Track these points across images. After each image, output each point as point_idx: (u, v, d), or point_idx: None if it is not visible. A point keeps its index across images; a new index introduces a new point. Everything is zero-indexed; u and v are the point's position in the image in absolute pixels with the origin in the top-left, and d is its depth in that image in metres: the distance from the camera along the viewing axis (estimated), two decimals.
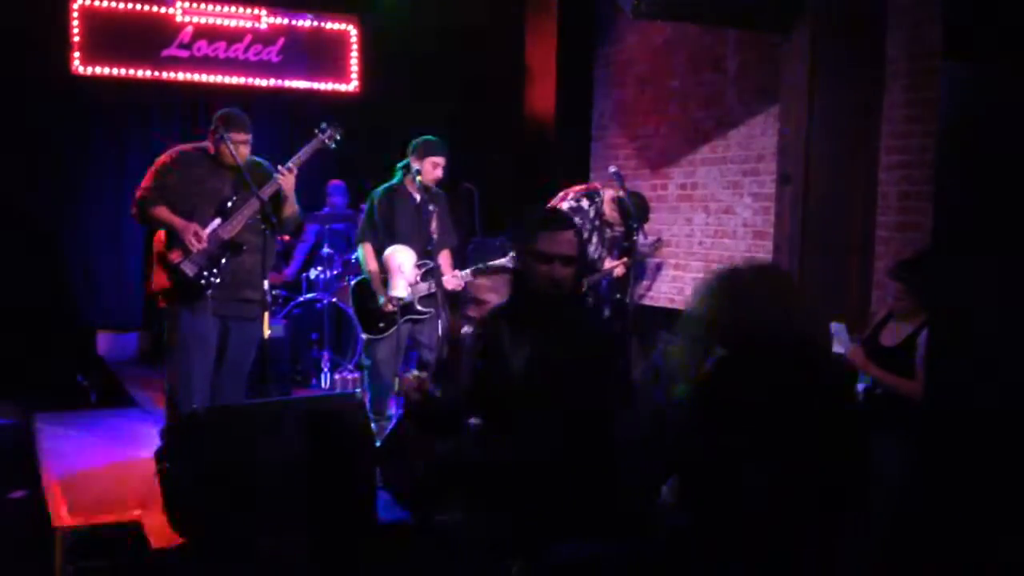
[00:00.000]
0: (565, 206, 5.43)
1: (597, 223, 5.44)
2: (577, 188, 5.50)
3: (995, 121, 3.95)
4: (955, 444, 2.97)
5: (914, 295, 4.04)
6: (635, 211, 5.38)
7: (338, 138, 5.00)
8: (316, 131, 4.99)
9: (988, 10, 4.04)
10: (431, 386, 3.05)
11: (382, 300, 5.13)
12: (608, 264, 5.64)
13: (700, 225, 6.98)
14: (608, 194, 5.49)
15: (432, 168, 5.19)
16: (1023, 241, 3.68)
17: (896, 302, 4.13)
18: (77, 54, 7.34)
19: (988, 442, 2.87)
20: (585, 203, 5.43)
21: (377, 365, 5.25)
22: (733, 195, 6.68)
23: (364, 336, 5.29)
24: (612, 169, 5.86)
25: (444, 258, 5.38)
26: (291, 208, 4.95)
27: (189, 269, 4.73)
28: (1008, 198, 3.76)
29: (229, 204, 4.82)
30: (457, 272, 5.28)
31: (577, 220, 5.39)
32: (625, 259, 5.58)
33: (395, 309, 5.11)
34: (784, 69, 5.71)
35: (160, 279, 4.81)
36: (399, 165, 5.32)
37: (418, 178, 5.13)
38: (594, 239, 5.46)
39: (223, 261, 4.78)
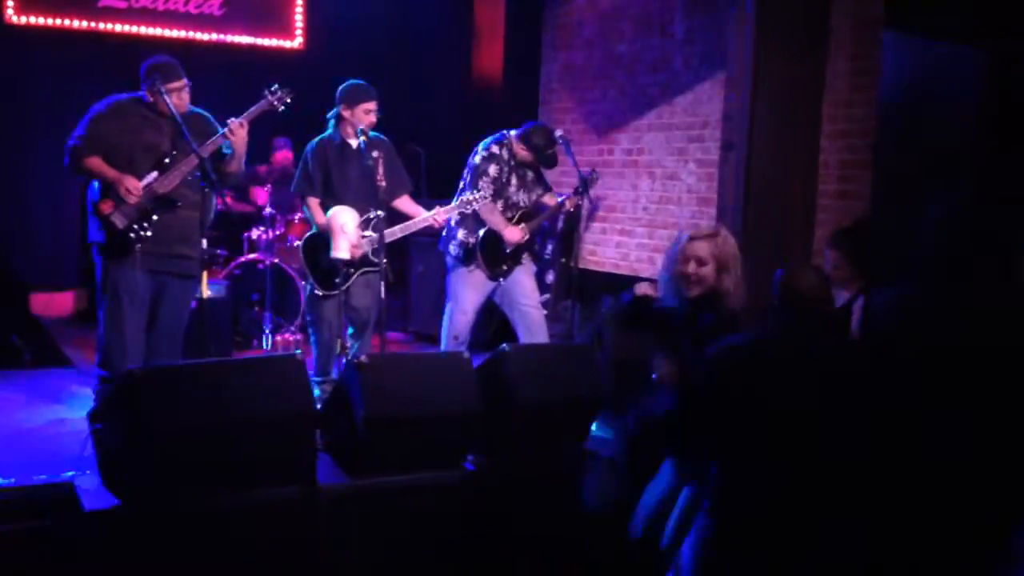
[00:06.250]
0: (478, 160, 5.43)
1: (513, 163, 5.45)
2: (487, 140, 5.52)
3: (934, 91, 4.01)
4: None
5: (851, 263, 4.11)
6: (541, 139, 5.42)
7: (288, 101, 4.88)
8: (266, 91, 4.87)
9: None
10: None
11: (337, 253, 4.99)
12: (549, 200, 5.65)
13: (645, 191, 7.01)
14: (513, 134, 5.50)
15: (364, 115, 5.06)
16: (958, 209, 3.76)
17: (834, 270, 4.20)
18: (11, 3, 7.11)
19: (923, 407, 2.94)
20: (496, 148, 5.44)
21: (322, 323, 5.17)
22: (678, 161, 6.71)
23: (318, 292, 5.13)
24: (558, 133, 5.85)
25: (407, 203, 5.28)
26: (237, 165, 4.84)
27: (119, 221, 4.63)
28: (945, 168, 3.82)
29: (167, 160, 4.71)
30: (439, 209, 5.18)
31: (494, 168, 5.40)
32: (575, 195, 5.61)
33: (358, 257, 5.01)
34: (730, 35, 5.72)
35: (92, 230, 4.72)
36: (330, 115, 5.20)
37: (360, 127, 5.01)
38: (513, 180, 5.47)
39: (154, 216, 4.68)
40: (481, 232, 5.40)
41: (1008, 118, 3.89)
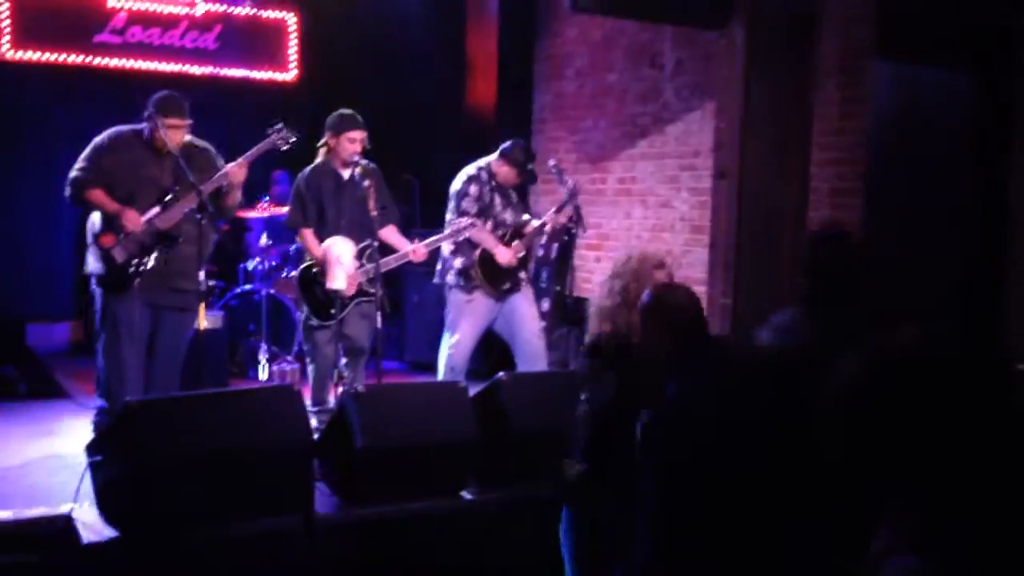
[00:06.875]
0: (459, 185, 5.48)
1: (494, 183, 5.50)
2: (466, 167, 5.60)
3: (923, 119, 4.06)
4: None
5: None
6: (521, 155, 5.47)
7: (292, 140, 4.91)
8: (269, 131, 4.89)
9: (919, 11, 4.16)
10: None
11: (334, 284, 5.01)
12: (528, 229, 5.68)
13: (639, 219, 7.06)
14: (492, 157, 5.56)
15: (349, 144, 5.07)
16: (949, 236, 3.80)
17: None
18: (7, 38, 7.16)
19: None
20: (474, 171, 5.51)
21: (317, 352, 5.18)
22: (671, 190, 6.76)
23: (314, 322, 5.15)
24: (552, 163, 5.90)
25: (392, 234, 5.28)
26: (234, 199, 4.86)
27: (119, 255, 4.65)
28: (935, 196, 3.87)
29: (168, 196, 4.72)
30: (417, 242, 5.21)
31: (474, 188, 5.44)
32: (561, 209, 5.64)
33: (354, 293, 5.03)
34: (720, 65, 5.80)
35: (92, 263, 4.74)
36: (319, 144, 5.24)
37: (355, 157, 5.04)
38: (496, 199, 5.52)
39: (154, 251, 4.69)
40: (476, 253, 5.43)
41: (997, 142, 3.95)
